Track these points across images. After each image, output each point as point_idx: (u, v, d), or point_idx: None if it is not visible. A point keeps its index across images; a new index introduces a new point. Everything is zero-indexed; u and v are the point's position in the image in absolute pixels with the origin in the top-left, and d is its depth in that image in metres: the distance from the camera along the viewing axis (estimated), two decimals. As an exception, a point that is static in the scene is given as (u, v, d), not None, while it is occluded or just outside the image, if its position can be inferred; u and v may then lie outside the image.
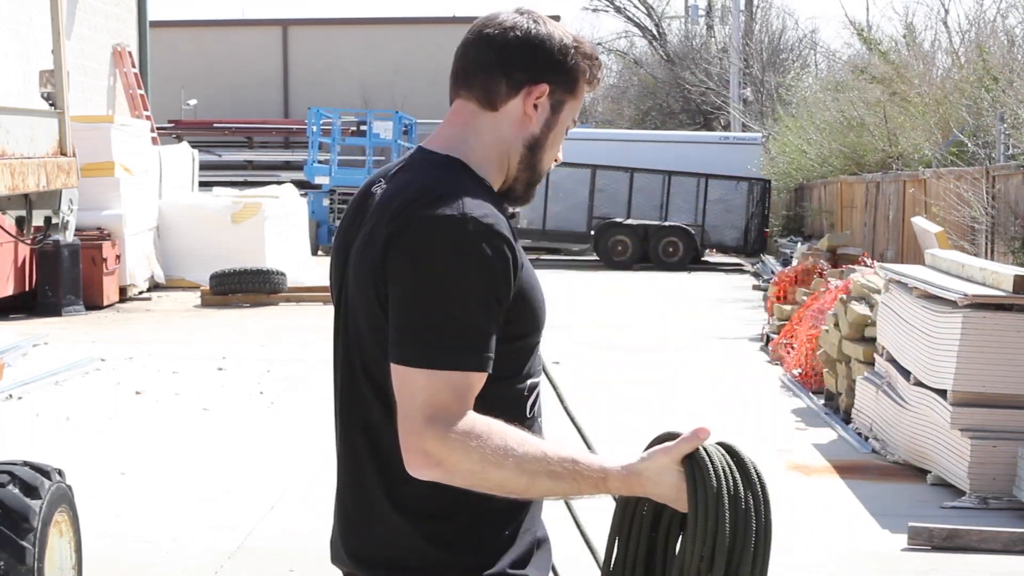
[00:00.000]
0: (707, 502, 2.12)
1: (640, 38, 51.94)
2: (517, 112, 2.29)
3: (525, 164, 2.33)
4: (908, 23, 22.18)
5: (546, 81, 2.29)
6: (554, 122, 2.32)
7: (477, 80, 2.29)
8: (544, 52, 2.29)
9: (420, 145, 2.35)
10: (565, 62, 2.30)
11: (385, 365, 2.16)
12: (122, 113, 22.44)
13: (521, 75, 2.28)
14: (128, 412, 10.10)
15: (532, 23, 2.30)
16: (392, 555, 2.24)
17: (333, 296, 2.38)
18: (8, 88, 5.80)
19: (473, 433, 2.08)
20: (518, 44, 2.28)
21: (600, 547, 2.45)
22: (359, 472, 2.27)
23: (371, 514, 2.25)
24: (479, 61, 2.29)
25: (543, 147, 2.33)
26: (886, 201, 17.63)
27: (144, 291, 19.31)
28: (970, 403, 7.40)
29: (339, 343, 2.31)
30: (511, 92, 2.28)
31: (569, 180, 27.56)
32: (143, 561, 6.23)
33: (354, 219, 2.31)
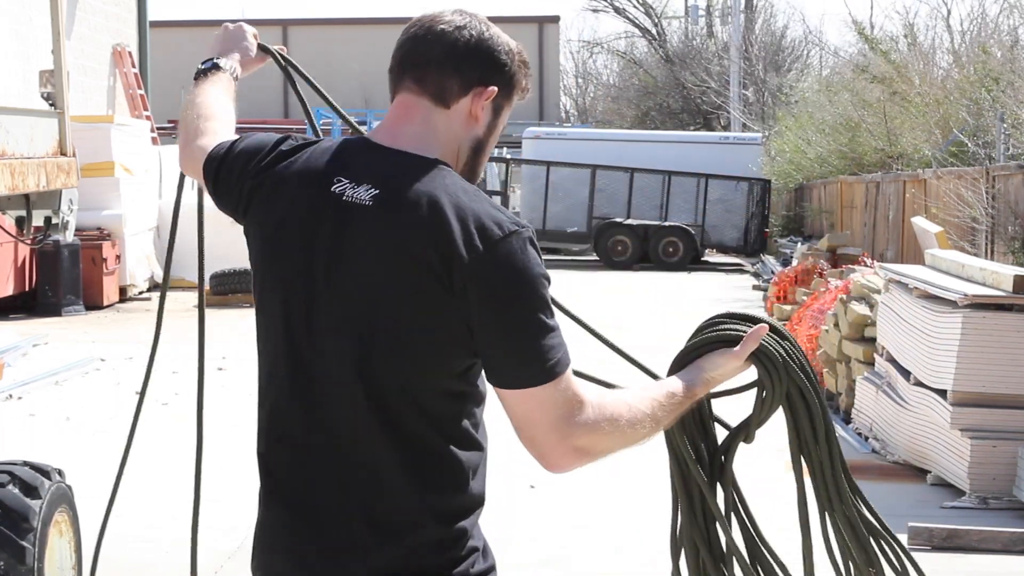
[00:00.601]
0: (779, 373, 2.57)
1: (640, 38, 51.95)
2: (465, 112, 2.30)
3: (468, 165, 2.34)
4: (910, 23, 22.18)
5: (494, 84, 2.31)
6: (495, 125, 2.36)
7: (431, 76, 2.28)
8: (494, 56, 2.31)
9: (386, 145, 2.28)
10: (510, 67, 2.33)
11: (432, 379, 2.19)
12: (122, 113, 22.44)
13: (473, 75, 2.29)
14: (128, 412, 10.10)
15: (483, 25, 2.32)
16: (425, 565, 2.21)
17: (277, 298, 2.29)
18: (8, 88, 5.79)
19: (605, 413, 2.20)
20: (473, 44, 2.29)
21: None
22: (382, 485, 2.21)
23: (402, 526, 2.20)
24: (432, 57, 2.28)
25: (484, 149, 2.35)
26: (886, 201, 17.63)
27: (144, 291, 19.31)
28: (970, 403, 7.40)
29: (333, 352, 2.22)
30: (462, 91, 2.29)
31: (569, 180, 27.57)
32: (143, 561, 6.23)
33: (322, 221, 2.23)
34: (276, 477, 2.30)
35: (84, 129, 13.58)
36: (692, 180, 27.44)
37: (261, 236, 2.33)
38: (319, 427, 2.24)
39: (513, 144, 32.39)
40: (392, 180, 2.22)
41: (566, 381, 2.17)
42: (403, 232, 2.16)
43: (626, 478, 8.00)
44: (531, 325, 2.15)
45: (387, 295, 2.17)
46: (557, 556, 6.44)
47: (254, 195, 2.35)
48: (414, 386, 2.19)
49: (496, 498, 7.39)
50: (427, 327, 2.16)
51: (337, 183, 2.24)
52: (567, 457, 2.19)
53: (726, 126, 40.06)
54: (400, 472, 2.19)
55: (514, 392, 2.16)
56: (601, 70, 60.03)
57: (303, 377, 2.25)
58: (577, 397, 2.17)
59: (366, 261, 2.19)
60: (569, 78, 59.49)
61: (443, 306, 2.15)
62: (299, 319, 2.25)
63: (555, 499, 7.48)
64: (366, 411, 2.19)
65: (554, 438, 2.17)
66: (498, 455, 9.51)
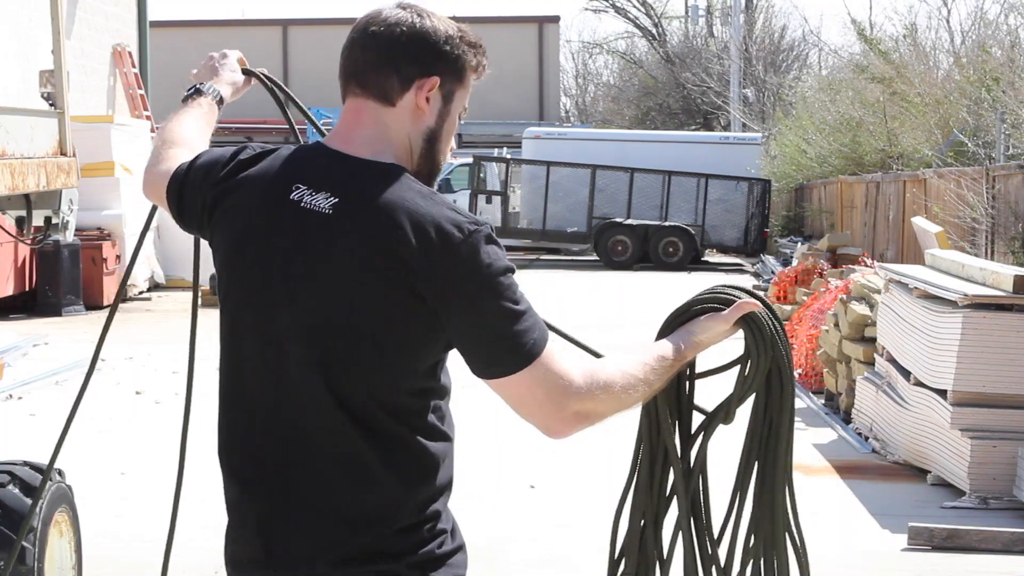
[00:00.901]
0: (765, 343, 2.63)
1: (640, 38, 51.94)
2: (411, 106, 2.32)
3: (425, 157, 2.36)
4: (910, 23, 22.18)
5: (435, 73, 2.32)
6: (447, 112, 2.36)
7: (370, 78, 2.32)
8: (430, 45, 2.32)
9: (342, 151, 2.31)
10: (451, 52, 2.33)
11: (397, 380, 2.24)
12: (122, 113, 22.44)
13: (411, 69, 2.31)
14: (128, 412, 10.10)
15: (416, 16, 2.33)
16: (404, 547, 2.26)
17: (237, 302, 2.33)
18: (8, 88, 5.79)
19: (598, 379, 2.27)
20: (405, 39, 2.31)
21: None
22: (362, 477, 2.25)
23: (371, 518, 2.25)
24: (368, 60, 2.32)
25: (440, 138, 2.37)
26: (886, 201, 17.63)
27: (144, 291, 19.31)
28: (970, 403, 7.40)
29: (298, 359, 2.25)
30: (404, 86, 2.31)
31: (569, 180, 27.56)
32: (143, 561, 6.23)
33: (281, 229, 2.26)
34: (241, 476, 2.34)
35: (84, 129, 13.58)
36: (692, 180, 27.44)
37: (224, 246, 2.37)
38: (286, 429, 2.28)
39: (513, 144, 32.38)
40: (350, 188, 2.25)
41: (547, 358, 2.23)
42: (362, 240, 2.20)
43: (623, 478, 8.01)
44: (501, 316, 2.20)
45: (348, 303, 2.21)
46: (557, 556, 6.44)
47: (215, 207, 2.39)
48: (380, 388, 2.24)
49: (496, 498, 7.41)
50: (390, 333, 2.21)
51: (295, 190, 2.27)
52: (567, 424, 2.27)
53: (726, 126, 40.06)
54: (369, 468, 2.24)
55: (500, 381, 2.24)
56: (601, 70, 60.05)
57: (269, 385, 2.29)
58: (563, 370, 2.24)
59: (327, 270, 2.22)
60: (569, 78, 59.50)
61: (406, 311, 2.20)
62: (263, 327, 2.28)
63: (555, 499, 7.48)
64: (333, 413, 2.24)
65: (550, 411, 2.25)
66: (498, 456, 9.57)
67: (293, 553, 2.27)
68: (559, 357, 2.26)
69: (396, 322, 2.21)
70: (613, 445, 8.93)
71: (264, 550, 2.30)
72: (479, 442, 8.79)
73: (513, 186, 28.86)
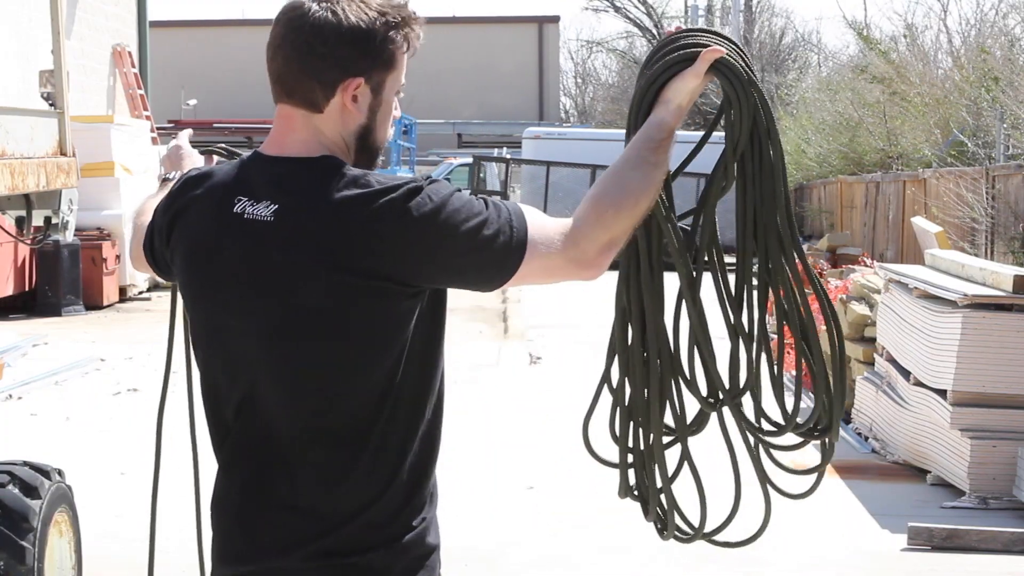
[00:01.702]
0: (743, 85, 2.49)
1: (640, 38, 51.95)
2: (338, 109, 2.29)
3: (361, 149, 2.34)
4: (909, 23, 22.19)
5: (358, 74, 2.28)
6: (378, 103, 2.33)
7: (294, 88, 2.30)
8: (347, 45, 2.26)
9: (275, 155, 2.31)
10: (373, 46, 2.27)
11: (372, 370, 2.23)
12: (122, 113, 22.44)
13: (331, 74, 2.27)
14: (128, 412, 10.10)
15: (330, 15, 2.25)
16: (379, 541, 2.27)
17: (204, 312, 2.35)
18: (8, 88, 5.79)
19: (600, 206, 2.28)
20: (321, 44, 2.26)
21: None
22: (334, 475, 2.27)
23: (347, 515, 2.26)
24: (290, 69, 2.29)
25: (374, 130, 2.34)
26: (886, 201, 17.63)
27: (144, 291, 19.31)
28: (970, 403, 7.40)
29: (267, 367, 2.27)
30: (328, 92, 2.28)
31: (569, 180, 27.55)
32: (143, 561, 6.21)
33: (229, 243, 2.28)
34: (224, 473, 2.39)
35: (84, 129, 13.57)
36: (692, 180, 27.34)
37: (180, 266, 2.41)
38: (260, 432, 2.31)
39: (513, 144, 32.39)
40: (288, 191, 2.25)
41: (537, 233, 2.25)
42: (307, 242, 2.20)
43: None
44: (476, 239, 2.20)
45: (307, 305, 2.22)
46: (557, 556, 6.44)
47: (171, 232, 2.41)
48: (350, 383, 2.24)
49: (496, 499, 7.40)
50: (353, 327, 2.21)
51: (238, 203, 2.29)
52: (597, 264, 2.29)
53: (726, 126, 40.01)
54: (342, 466, 2.25)
55: (516, 278, 2.25)
56: (601, 70, 60.05)
57: (244, 398, 2.31)
58: (559, 232, 2.26)
59: (280, 277, 2.23)
60: (569, 78, 59.51)
61: (369, 301, 2.20)
62: (226, 341, 2.31)
63: (555, 499, 7.47)
64: (301, 415, 2.26)
65: (573, 268, 2.27)
66: (497, 458, 9.56)
67: (268, 546, 2.29)
68: (546, 223, 2.27)
69: (359, 314, 2.21)
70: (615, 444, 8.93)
71: (241, 543, 2.33)
72: (475, 443, 8.79)
73: (513, 186, 28.86)
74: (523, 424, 9.63)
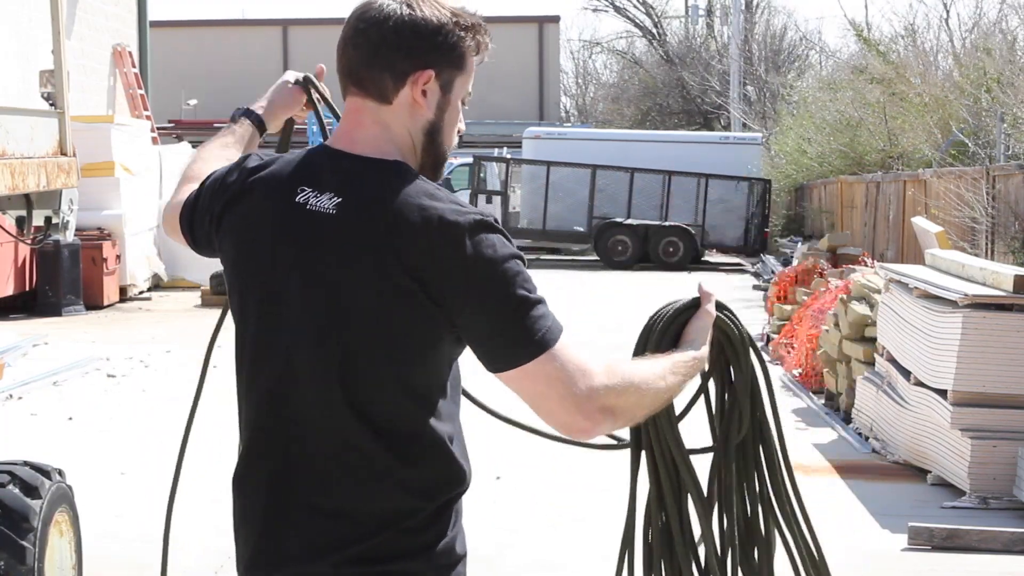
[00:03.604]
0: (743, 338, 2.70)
1: (640, 38, 51.93)
2: (408, 102, 2.29)
3: (428, 149, 2.33)
4: (909, 24, 22.19)
5: (429, 66, 2.28)
6: (446, 102, 2.32)
7: (364, 78, 2.30)
8: (420, 37, 2.27)
9: (344, 151, 2.31)
10: (445, 42, 2.28)
11: (407, 378, 2.22)
12: (122, 113, 22.44)
13: (403, 65, 2.27)
14: (128, 412, 10.10)
15: (405, 8, 2.27)
16: (406, 550, 2.24)
17: (258, 307, 2.34)
18: (8, 88, 5.79)
19: (617, 373, 2.22)
20: (394, 35, 2.26)
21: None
22: (367, 477, 2.24)
23: (379, 519, 2.24)
24: (360, 59, 2.29)
25: (441, 130, 2.33)
26: (886, 201, 17.63)
27: (144, 291, 19.31)
28: (970, 403, 7.39)
29: (308, 363, 2.26)
30: (398, 83, 2.28)
31: (569, 180, 27.55)
32: (143, 561, 6.23)
33: (289, 232, 2.27)
34: (250, 477, 2.38)
35: (84, 129, 13.58)
36: (692, 180, 27.43)
37: (233, 254, 2.39)
38: (294, 429, 2.28)
39: (513, 144, 32.40)
40: (354, 187, 2.25)
41: (563, 349, 2.18)
42: (367, 239, 2.19)
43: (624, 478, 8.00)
44: (512, 304, 2.16)
45: (355, 302, 2.21)
46: (557, 556, 6.44)
47: (223, 217, 2.39)
48: (386, 388, 2.22)
49: (497, 500, 7.38)
50: (397, 332, 2.20)
51: (301, 193, 2.27)
52: (591, 420, 2.18)
53: (726, 126, 40.06)
54: (374, 469, 2.23)
55: (513, 373, 2.18)
56: (601, 70, 60.05)
57: (281, 389, 2.29)
58: (580, 362, 2.18)
59: (334, 271, 2.22)
60: (569, 78, 59.49)
61: (413, 311, 2.18)
62: (275, 330, 2.30)
63: (553, 498, 7.47)
64: (340, 413, 2.23)
65: (571, 405, 2.17)
66: (494, 458, 9.51)
67: (293, 552, 2.27)
68: (576, 349, 2.20)
69: (402, 321, 2.19)
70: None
71: (267, 548, 2.32)
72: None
73: (513, 186, 28.85)
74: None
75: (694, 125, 44.55)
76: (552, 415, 2.19)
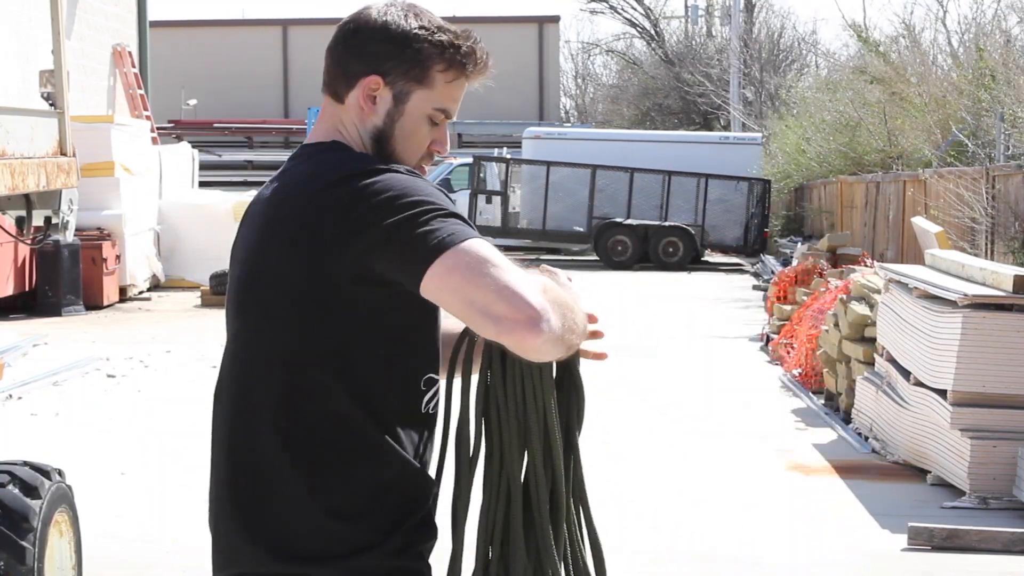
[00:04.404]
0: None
1: (639, 38, 51.94)
2: (356, 104, 2.30)
3: (379, 155, 2.30)
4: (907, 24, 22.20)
5: (378, 72, 2.28)
6: (399, 113, 2.29)
7: (328, 76, 2.34)
8: (378, 43, 2.27)
9: (305, 143, 2.38)
10: (403, 53, 2.27)
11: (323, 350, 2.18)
12: (122, 113, 22.44)
13: (356, 67, 2.29)
14: (128, 412, 10.10)
15: (378, 14, 2.28)
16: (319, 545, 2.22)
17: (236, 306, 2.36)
18: (8, 88, 5.80)
19: (534, 281, 2.10)
20: (358, 37, 2.29)
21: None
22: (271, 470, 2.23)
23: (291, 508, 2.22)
24: (329, 59, 2.34)
25: (391, 139, 2.29)
26: (886, 201, 17.64)
27: (144, 291, 19.31)
28: (970, 403, 7.39)
29: (240, 344, 2.29)
30: (349, 85, 2.30)
31: (569, 180, 27.55)
32: (143, 561, 6.23)
33: (242, 228, 2.35)
34: (215, 478, 2.35)
35: (84, 129, 13.58)
36: (692, 180, 27.43)
37: None
38: (235, 434, 2.29)
39: (513, 144, 32.40)
40: (290, 171, 2.31)
41: (473, 248, 2.07)
42: (279, 210, 2.23)
43: (624, 479, 8.00)
44: (415, 221, 2.10)
45: (265, 272, 2.22)
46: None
47: None
48: (302, 362, 2.20)
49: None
50: (322, 307, 2.17)
51: (265, 189, 2.36)
52: (529, 327, 2.03)
53: (726, 126, 40.06)
54: (312, 470, 2.21)
55: (430, 280, 2.08)
56: (600, 71, 60.05)
57: (228, 378, 2.32)
58: (494, 261, 2.06)
59: (252, 247, 2.27)
60: (569, 79, 59.49)
61: (332, 285, 2.16)
62: (229, 324, 2.34)
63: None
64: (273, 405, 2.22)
65: (504, 307, 2.03)
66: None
67: (235, 555, 2.26)
68: (495, 258, 2.07)
69: (325, 299, 2.17)
70: (616, 445, 8.92)
71: (217, 552, 2.32)
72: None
73: (513, 186, 28.85)
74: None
75: (693, 125, 44.55)
76: (499, 322, 2.03)
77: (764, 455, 8.67)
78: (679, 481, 7.96)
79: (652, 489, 7.78)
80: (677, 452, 8.76)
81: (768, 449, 8.81)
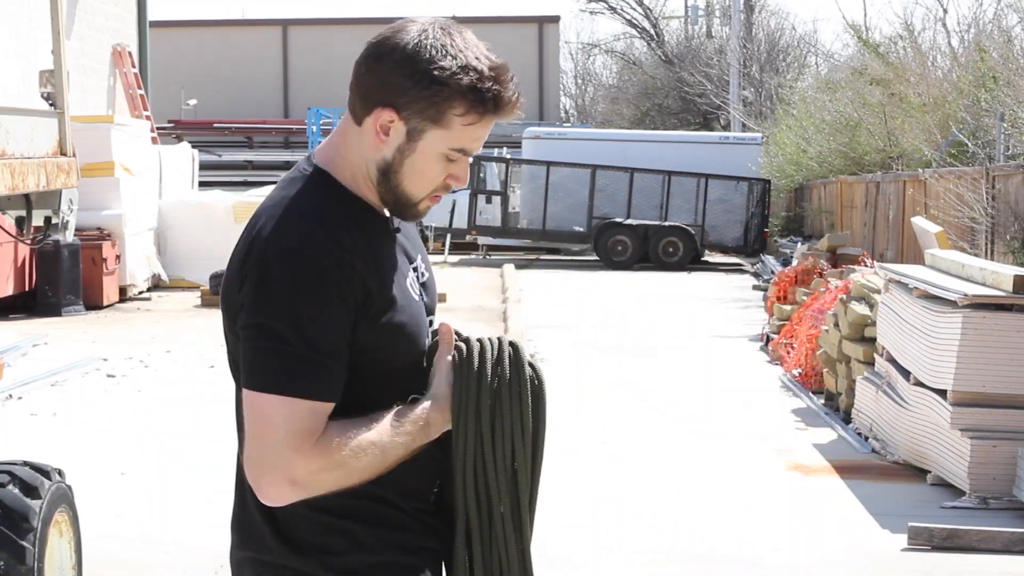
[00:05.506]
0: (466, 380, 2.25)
1: (639, 39, 51.94)
2: (371, 130, 2.21)
3: (384, 187, 2.24)
4: (907, 24, 22.20)
5: (393, 106, 2.18)
6: (410, 150, 2.20)
7: (351, 90, 2.25)
8: (399, 75, 2.16)
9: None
10: (422, 91, 2.16)
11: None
12: (122, 113, 22.44)
13: (375, 95, 2.19)
14: (128, 412, 10.10)
15: (410, 40, 2.17)
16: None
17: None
18: (8, 88, 5.80)
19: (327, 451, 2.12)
20: (377, 62, 2.18)
21: None
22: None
23: (251, 527, 2.38)
24: (353, 73, 2.25)
25: (398, 173, 2.22)
26: (886, 201, 17.63)
27: (144, 291, 19.31)
28: (970, 403, 7.40)
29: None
30: (365, 109, 2.21)
31: (569, 180, 27.56)
32: (143, 561, 6.23)
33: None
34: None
35: (84, 129, 13.58)
36: (692, 180, 27.43)
37: None
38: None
39: (513, 144, 32.41)
40: (269, 195, 2.30)
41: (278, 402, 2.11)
42: (238, 244, 2.25)
43: (624, 479, 8.00)
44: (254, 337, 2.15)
45: (228, 323, 2.26)
46: (557, 556, 6.43)
47: None
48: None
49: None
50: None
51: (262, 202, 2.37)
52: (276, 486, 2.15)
53: (726, 126, 40.06)
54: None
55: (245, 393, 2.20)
56: (600, 71, 60.05)
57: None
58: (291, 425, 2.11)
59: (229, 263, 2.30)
60: (568, 79, 59.49)
61: (231, 305, 2.23)
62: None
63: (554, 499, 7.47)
64: (238, 418, 2.32)
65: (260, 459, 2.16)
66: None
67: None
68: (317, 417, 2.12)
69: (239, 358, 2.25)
70: (617, 446, 8.91)
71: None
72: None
73: (513, 186, 28.85)
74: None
75: (693, 125, 44.56)
76: (247, 460, 2.19)
77: (764, 455, 8.67)
78: (679, 481, 7.96)
79: (652, 489, 7.78)
80: (677, 452, 8.76)
81: (768, 449, 8.81)
